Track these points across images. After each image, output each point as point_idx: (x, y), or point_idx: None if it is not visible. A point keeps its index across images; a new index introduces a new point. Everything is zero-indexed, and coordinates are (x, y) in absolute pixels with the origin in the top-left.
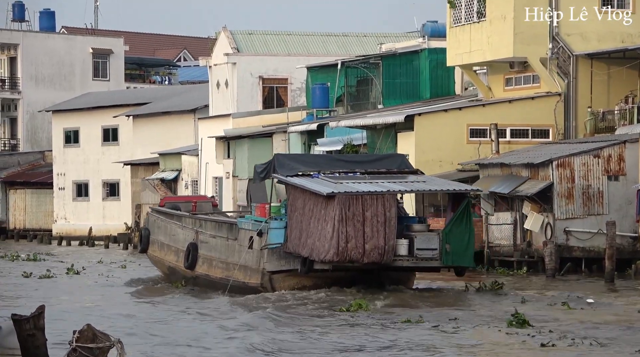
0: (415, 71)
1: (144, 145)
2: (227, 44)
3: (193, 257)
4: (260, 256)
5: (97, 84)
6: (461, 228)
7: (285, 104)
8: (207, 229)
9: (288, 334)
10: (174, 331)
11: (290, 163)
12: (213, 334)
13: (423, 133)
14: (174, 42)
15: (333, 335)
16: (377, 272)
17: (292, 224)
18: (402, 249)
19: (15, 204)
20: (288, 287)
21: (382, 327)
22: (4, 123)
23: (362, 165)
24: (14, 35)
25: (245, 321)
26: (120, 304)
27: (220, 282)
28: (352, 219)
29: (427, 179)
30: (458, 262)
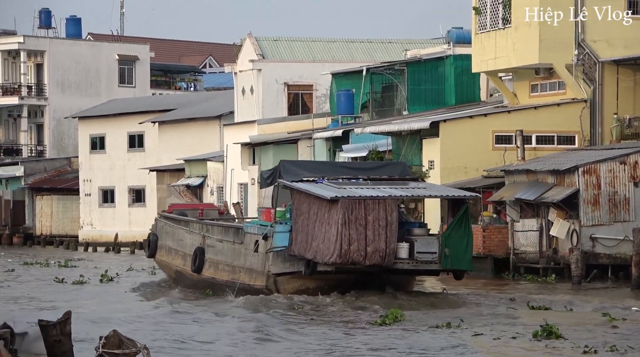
0: (440, 77)
1: (169, 152)
2: (252, 50)
3: (200, 261)
4: (265, 259)
5: (123, 91)
6: (460, 233)
7: (310, 110)
8: (214, 233)
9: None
10: (200, 337)
11: (295, 169)
12: (246, 343)
13: (448, 139)
14: (200, 49)
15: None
16: (378, 275)
17: (297, 228)
18: (403, 252)
19: (42, 210)
20: (292, 289)
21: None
22: (31, 129)
23: (364, 172)
24: (41, 42)
25: (285, 335)
26: (147, 309)
27: (226, 285)
28: (355, 222)
29: (427, 186)
30: (457, 265)
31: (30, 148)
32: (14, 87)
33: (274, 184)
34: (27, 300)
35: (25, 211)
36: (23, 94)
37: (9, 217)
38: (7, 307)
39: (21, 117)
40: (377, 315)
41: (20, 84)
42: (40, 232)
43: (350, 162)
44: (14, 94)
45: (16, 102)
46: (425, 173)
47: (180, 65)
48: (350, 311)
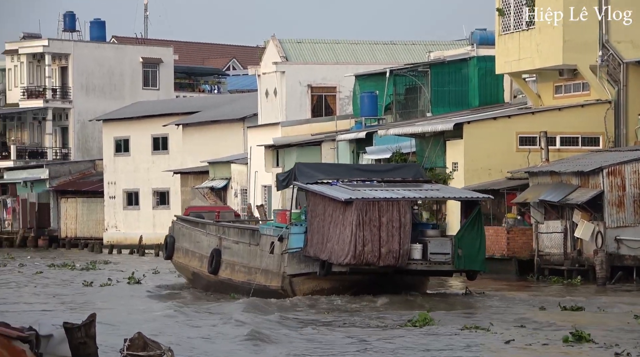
0: (464, 79)
1: (193, 154)
2: (275, 52)
3: (217, 262)
4: (281, 260)
5: (147, 93)
6: (473, 234)
7: (333, 112)
8: (230, 235)
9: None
10: (225, 340)
11: (310, 171)
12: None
13: (472, 141)
14: (223, 51)
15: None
16: (392, 276)
17: (312, 229)
18: (416, 253)
19: (67, 213)
20: (307, 290)
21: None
22: (55, 132)
23: (378, 174)
24: (65, 45)
25: (314, 337)
26: (170, 311)
27: (242, 286)
28: (369, 224)
29: (440, 188)
30: (470, 266)
31: (55, 151)
32: (38, 90)
33: (289, 186)
34: (53, 302)
35: (50, 214)
36: (48, 97)
37: (34, 219)
38: (35, 309)
39: (46, 120)
40: (404, 318)
41: (45, 87)
42: (65, 235)
43: (364, 165)
44: (38, 97)
45: (41, 105)
46: (449, 175)
47: (204, 68)
48: (375, 313)
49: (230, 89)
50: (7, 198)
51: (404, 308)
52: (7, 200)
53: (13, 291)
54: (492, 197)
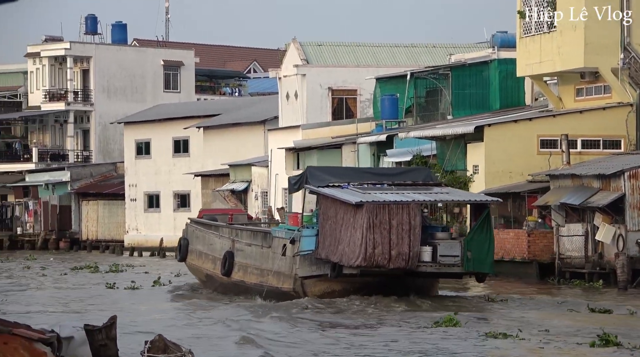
0: (485, 82)
1: (214, 157)
2: (296, 55)
3: (229, 264)
4: (292, 262)
5: (168, 96)
6: (482, 236)
7: (354, 115)
8: (243, 237)
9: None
10: (246, 344)
11: (322, 175)
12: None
13: (493, 144)
14: (244, 54)
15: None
16: (402, 278)
17: (323, 232)
18: (426, 255)
19: (88, 215)
20: (319, 292)
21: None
22: (77, 135)
23: (389, 178)
24: (87, 47)
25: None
26: (191, 313)
27: (254, 288)
28: (379, 226)
29: (450, 191)
30: (479, 268)
31: (77, 153)
32: (60, 93)
33: (300, 189)
34: (75, 304)
35: (72, 216)
36: (69, 100)
37: (55, 222)
38: (57, 311)
39: (67, 123)
40: (430, 320)
41: (66, 90)
42: (86, 237)
43: (375, 168)
44: (60, 100)
45: (62, 107)
46: (469, 178)
47: (225, 71)
48: (398, 315)
49: (251, 92)
50: (28, 200)
51: (430, 310)
52: (29, 202)
53: (36, 293)
54: (501, 200)
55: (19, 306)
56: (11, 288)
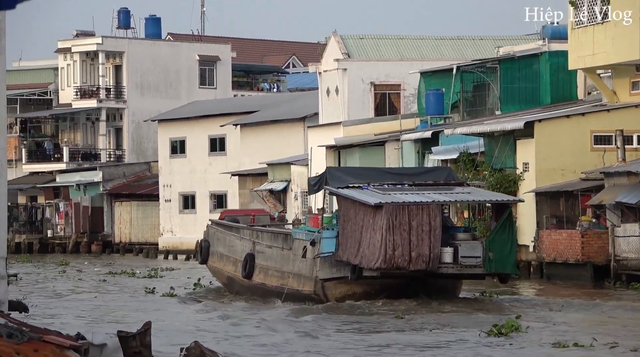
0: (534, 75)
1: (251, 155)
2: (337, 49)
3: (250, 267)
4: (313, 264)
5: (204, 92)
6: (504, 237)
7: (397, 111)
8: (264, 239)
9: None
10: (293, 347)
11: (341, 175)
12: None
13: (544, 140)
14: (283, 48)
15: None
16: (424, 280)
17: (343, 234)
18: (447, 256)
19: (121, 217)
20: (339, 295)
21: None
22: (109, 133)
23: (410, 178)
24: (120, 42)
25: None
26: (229, 320)
27: (275, 291)
28: (399, 228)
29: (471, 190)
30: (501, 269)
31: (109, 153)
32: (92, 89)
33: (320, 190)
34: (113, 311)
35: (104, 218)
36: (101, 97)
37: (87, 224)
38: (93, 317)
39: (99, 121)
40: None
41: (98, 87)
42: (119, 240)
43: (396, 168)
44: (92, 97)
45: (94, 105)
46: (519, 176)
47: (262, 66)
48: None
49: (290, 88)
50: (59, 202)
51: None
52: (60, 204)
53: (74, 299)
54: (523, 200)
55: (53, 312)
56: (47, 294)
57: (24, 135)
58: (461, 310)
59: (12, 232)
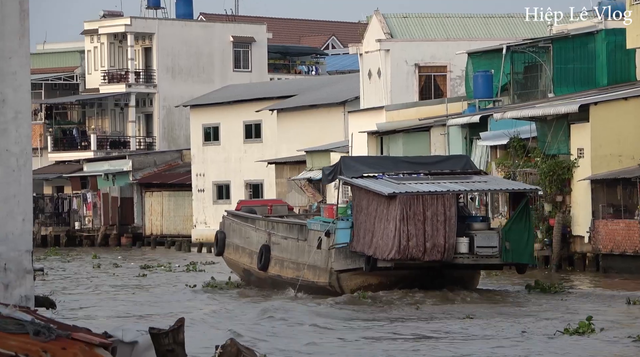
0: (590, 55)
1: (289, 142)
2: (379, 29)
3: (266, 258)
4: (328, 255)
5: (238, 76)
6: (521, 226)
7: (443, 94)
8: (279, 230)
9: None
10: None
11: (356, 165)
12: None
13: (600, 124)
14: (322, 28)
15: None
16: (439, 271)
17: (357, 224)
18: (463, 247)
19: (152, 208)
20: (354, 286)
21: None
22: (139, 120)
23: (425, 167)
24: (149, 23)
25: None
26: (265, 317)
27: (291, 283)
28: (413, 218)
29: (488, 179)
30: (518, 259)
31: (139, 140)
32: (120, 73)
33: (335, 180)
34: (149, 307)
35: (134, 209)
36: (130, 81)
37: (116, 215)
38: (128, 315)
39: (128, 107)
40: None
41: (127, 70)
42: (150, 232)
43: (411, 156)
44: (120, 81)
45: (123, 90)
46: (573, 162)
47: (300, 47)
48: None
49: (330, 70)
50: (87, 192)
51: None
52: (87, 194)
53: (107, 295)
54: (540, 190)
55: (83, 309)
56: (80, 290)
57: (49, 122)
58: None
59: (38, 225)
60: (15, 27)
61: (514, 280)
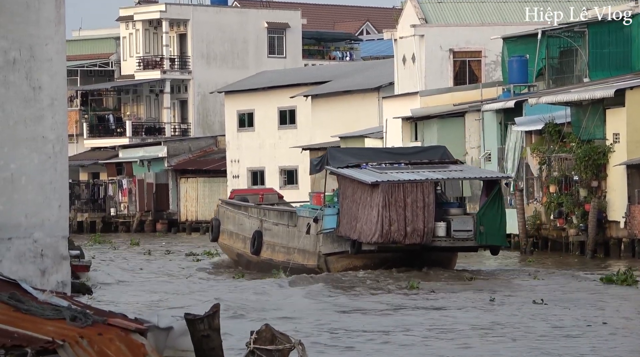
0: (626, 39)
1: (323, 128)
2: (414, 14)
3: (258, 243)
4: (316, 240)
5: (273, 62)
6: (494, 211)
7: (478, 79)
8: (270, 217)
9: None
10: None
11: (341, 156)
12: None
13: (635, 109)
14: (356, 14)
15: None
16: (419, 253)
17: (343, 211)
18: (441, 231)
19: (187, 194)
20: (341, 268)
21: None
22: (174, 106)
23: (406, 157)
24: (184, 10)
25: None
26: (300, 302)
27: (282, 265)
28: (395, 204)
29: (464, 168)
30: (491, 241)
31: (174, 126)
32: (155, 60)
33: (322, 170)
34: (193, 293)
35: (169, 195)
36: (165, 68)
37: (152, 201)
38: (167, 301)
39: (163, 93)
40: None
41: (162, 57)
42: (185, 218)
43: (392, 148)
44: (155, 68)
45: (158, 76)
46: (609, 147)
47: (334, 33)
48: None
49: (364, 56)
50: (122, 178)
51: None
52: (123, 181)
53: (148, 281)
54: (512, 178)
55: (120, 296)
56: (126, 277)
57: (85, 108)
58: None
59: (74, 211)
60: (51, 14)
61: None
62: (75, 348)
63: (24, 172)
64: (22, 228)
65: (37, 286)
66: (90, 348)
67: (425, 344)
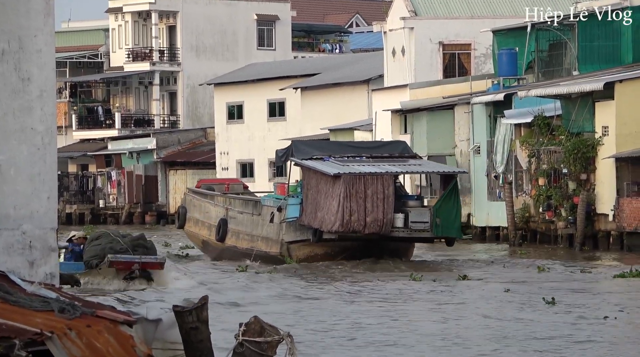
0: (615, 33)
1: (313, 121)
2: (403, 6)
3: (223, 231)
4: (279, 228)
5: (262, 54)
6: (450, 204)
7: (468, 72)
8: (236, 206)
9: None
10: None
11: (306, 148)
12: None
13: (625, 102)
14: (346, 6)
15: None
16: (377, 242)
17: (306, 201)
18: (399, 221)
19: (176, 186)
20: (302, 255)
21: None
22: (163, 98)
23: (368, 151)
24: (173, 2)
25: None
26: (283, 294)
27: (246, 252)
28: (355, 195)
29: (422, 163)
30: (447, 233)
31: (163, 118)
32: (144, 52)
33: (287, 161)
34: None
35: (158, 187)
36: (154, 60)
37: (140, 193)
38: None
39: (153, 85)
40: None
41: (151, 49)
42: (174, 210)
43: (355, 141)
44: (144, 60)
45: (147, 68)
46: (598, 140)
47: (324, 25)
48: None
49: (354, 48)
50: (111, 170)
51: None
52: (112, 172)
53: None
54: (466, 172)
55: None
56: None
57: (73, 100)
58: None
59: (63, 203)
60: (40, 5)
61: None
62: (64, 340)
63: (13, 164)
64: (10, 219)
65: (26, 278)
66: (78, 340)
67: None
